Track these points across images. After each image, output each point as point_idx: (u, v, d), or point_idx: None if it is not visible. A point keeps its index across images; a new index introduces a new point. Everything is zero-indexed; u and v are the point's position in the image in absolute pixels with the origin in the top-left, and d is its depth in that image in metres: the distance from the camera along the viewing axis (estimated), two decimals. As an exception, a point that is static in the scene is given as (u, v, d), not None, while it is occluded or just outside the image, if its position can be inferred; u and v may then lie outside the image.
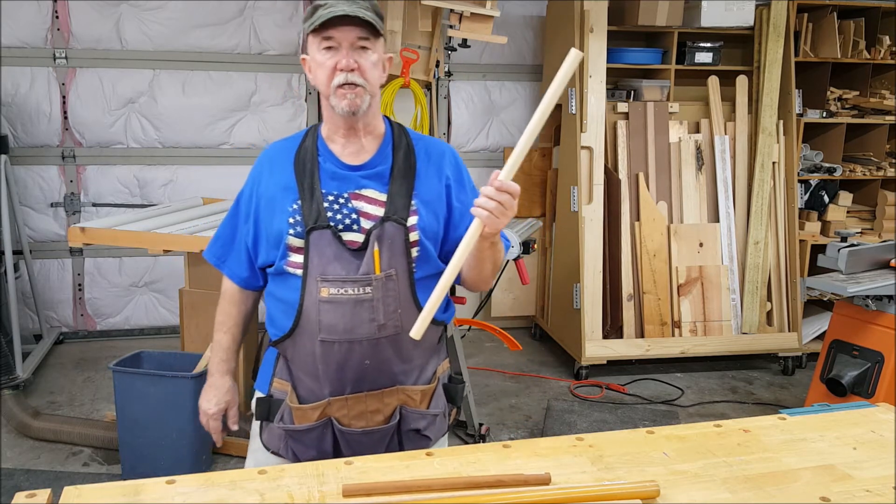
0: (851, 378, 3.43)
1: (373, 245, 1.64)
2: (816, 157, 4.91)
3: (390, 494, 1.38)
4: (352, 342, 1.65)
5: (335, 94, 1.65)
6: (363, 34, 1.62)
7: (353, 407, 1.70)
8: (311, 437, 1.71)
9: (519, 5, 5.15)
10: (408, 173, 1.70)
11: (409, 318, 1.62)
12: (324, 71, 1.65)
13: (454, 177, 1.76)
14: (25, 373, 4.13)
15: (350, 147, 1.73)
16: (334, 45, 1.63)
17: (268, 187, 1.74)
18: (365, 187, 1.69)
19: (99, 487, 1.38)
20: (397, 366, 1.71)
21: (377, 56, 1.66)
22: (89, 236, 3.46)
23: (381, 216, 1.66)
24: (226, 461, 3.44)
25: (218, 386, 1.88)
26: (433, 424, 1.77)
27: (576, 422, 4.00)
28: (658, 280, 4.55)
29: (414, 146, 1.75)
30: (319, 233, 1.65)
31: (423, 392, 1.75)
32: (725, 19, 4.57)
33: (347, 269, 1.64)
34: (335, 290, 1.64)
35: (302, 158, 1.73)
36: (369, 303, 1.64)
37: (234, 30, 4.86)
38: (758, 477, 1.47)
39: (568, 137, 4.66)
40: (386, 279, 1.64)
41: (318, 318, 1.65)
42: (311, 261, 1.65)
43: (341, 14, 1.58)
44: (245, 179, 1.81)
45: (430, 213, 1.70)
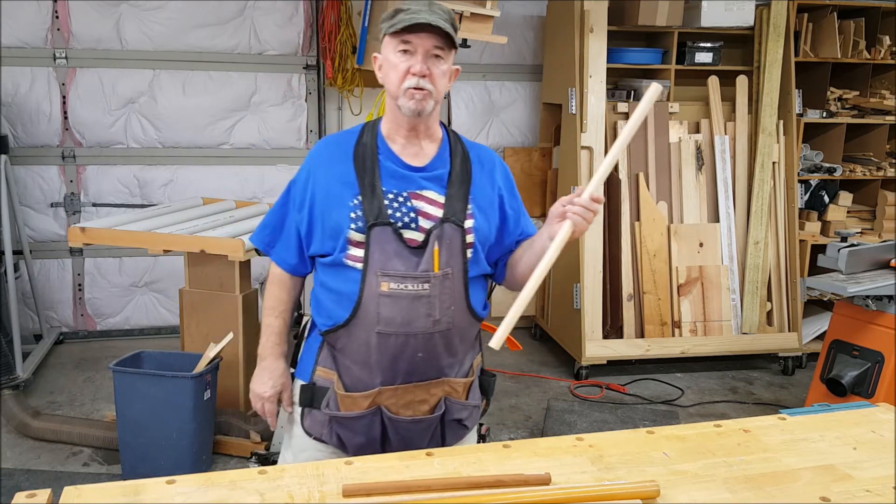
0: (851, 378, 3.43)
1: (433, 244, 1.71)
2: (816, 157, 4.91)
3: (390, 494, 1.38)
4: (408, 335, 1.71)
5: (404, 94, 1.71)
6: (439, 43, 1.69)
7: (401, 396, 1.76)
8: (361, 424, 1.77)
9: (519, 5, 5.15)
10: (465, 178, 1.79)
11: (461, 316, 1.76)
12: (397, 73, 1.71)
13: (505, 186, 1.87)
14: (25, 373, 4.13)
15: (410, 148, 1.79)
16: (410, 50, 1.70)
17: (326, 179, 1.78)
18: (425, 188, 1.76)
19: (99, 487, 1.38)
20: (445, 359, 1.78)
21: (448, 66, 1.74)
22: (89, 236, 3.46)
23: (439, 217, 1.74)
24: (226, 461, 3.44)
25: (272, 369, 1.92)
26: (472, 415, 1.87)
27: (576, 422, 4.00)
28: (658, 280, 4.55)
29: (469, 153, 1.84)
30: (381, 229, 1.71)
31: (465, 384, 1.83)
32: (725, 19, 4.57)
33: (407, 266, 1.71)
34: (395, 285, 1.70)
35: (361, 154, 1.78)
36: (427, 299, 1.71)
37: (234, 30, 4.86)
38: (758, 477, 1.47)
39: (568, 137, 4.66)
40: (443, 277, 1.72)
41: (376, 311, 1.71)
42: (372, 256, 1.71)
43: (423, 22, 1.65)
44: (294, 174, 1.88)
45: (483, 218, 1.79)
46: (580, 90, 4.50)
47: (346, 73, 4.87)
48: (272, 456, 3.39)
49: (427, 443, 1.78)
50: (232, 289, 3.52)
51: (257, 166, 5.05)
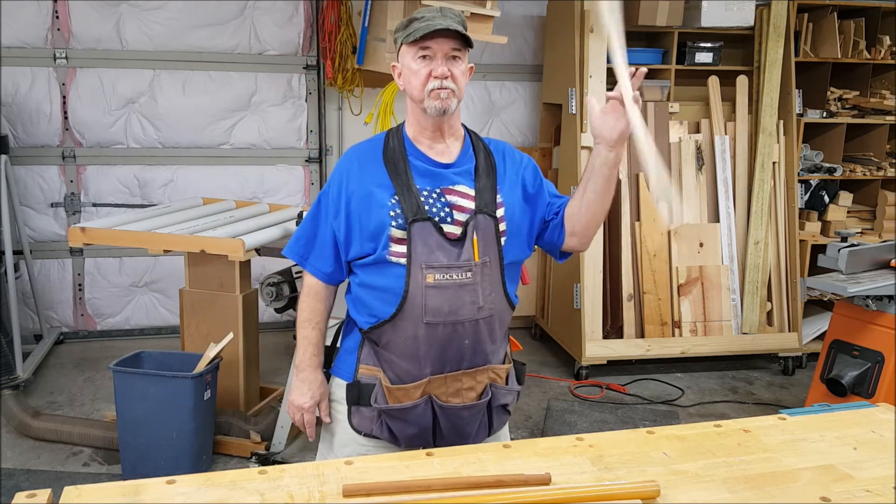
0: (851, 378, 3.43)
1: (471, 234, 1.79)
2: (816, 157, 4.91)
3: (390, 494, 1.38)
4: (455, 323, 1.78)
5: (429, 96, 1.79)
6: (457, 45, 1.78)
7: (450, 385, 1.82)
8: (414, 413, 1.82)
9: (519, 5, 5.15)
10: (490, 171, 1.87)
11: (500, 302, 1.84)
12: (418, 78, 1.79)
13: (528, 169, 1.95)
14: (26, 373, 4.13)
15: (437, 147, 1.87)
16: (430, 55, 1.78)
17: (361, 185, 1.84)
18: (457, 183, 1.84)
19: (99, 487, 1.38)
20: (489, 346, 1.84)
21: (465, 65, 1.83)
22: (89, 236, 3.46)
23: (472, 209, 1.81)
24: (226, 461, 3.44)
25: (311, 380, 1.95)
26: (514, 400, 1.95)
27: (576, 422, 4.00)
28: (658, 280, 4.55)
29: (489, 147, 1.93)
30: (421, 224, 1.78)
31: (506, 370, 1.91)
32: (725, 19, 4.57)
33: (449, 257, 1.78)
34: (440, 275, 1.77)
35: (391, 157, 1.85)
36: (471, 286, 1.79)
37: (234, 30, 4.86)
38: (758, 477, 1.47)
39: (568, 137, 4.66)
40: (483, 265, 1.80)
41: (423, 303, 1.77)
42: (415, 250, 1.77)
43: (440, 28, 1.74)
44: (327, 180, 1.94)
45: (512, 205, 1.88)
46: (580, 90, 4.50)
47: (346, 73, 4.87)
48: (272, 456, 3.40)
49: (476, 428, 1.86)
50: (232, 289, 3.52)
51: (257, 166, 5.05)
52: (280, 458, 3.40)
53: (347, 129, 5.15)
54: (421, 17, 1.78)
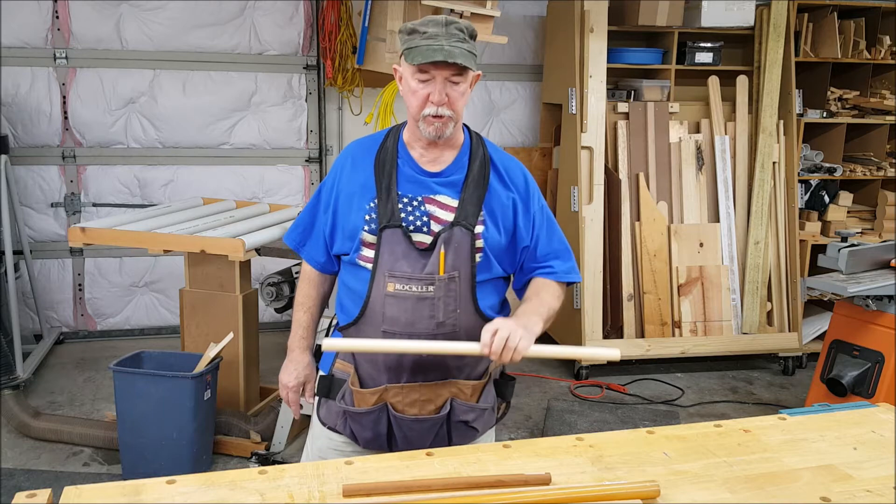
0: (852, 378, 3.43)
1: (439, 247, 1.75)
2: (817, 157, 4.91)
3: (390, 494, 1.38)
4: (411, 335, 1.75)
5: (423, 120, 1.74)
6: (457, 71, 1.71)
7: (407, 395, 1.80)
8: (369, 419, 1.82)
9: (519, 5, 5.15)
10: (480, 183, 1.81)
11: (469, 319, 1.78)
12: (416, 99, 1.74)
13: (522, 196, 1.87)
14: (26, 373, 4.13)
15: (429, 155, 1.83)
16: (428, 79, 1.72)
17: (348, 183, 1.85)
18: (439, 193, 1.80)
19: (99, 487, 1.38)
20: (452, 361, 1.80)
21: (466, 84, 1.75)
22: (90, 236, 3.46)
23: (450, 221, 1.77)
24: (226, 461, 3.44)
25: (298, 361, 1.99)
26: (481, 417, 1.87)
27: (576, 422, 4.00)
28: (658, 280, 4.55)
29: (490, 157, 1.86)
30: (391, 231, 1.76)
31: (474, 387, 1.84)
32: (726, 19, 4.57)
33: (413, 268, 1.75)
34: (400, 285, 1.75)
35: (382, 159, 1.83)
36: (431, 301, 1.75)
37: (235, 30, 4.86)
38: (758, 477, 1.47)
39: (568, 137, 4.66)
40: (448, 280, 1.76)
41: (382, 311, 1.76)
42: (382, 256, 1.76)
43: (441, 60, 1.67)
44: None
45: (495, 226, 1.81)
46: (580, 90, 4.50)
47: (346, 73, 4.87)
48: (272, 456, 3.39)
49: (431, 442, 1.81)
50: (232, 289, 3.52)
51: (257, 166, 5.05)
52: (280, 458, 3.40)
53: (347, 130, 5.15)
54: (424, 33, 1.70)
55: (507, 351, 1.60)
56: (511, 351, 1.61)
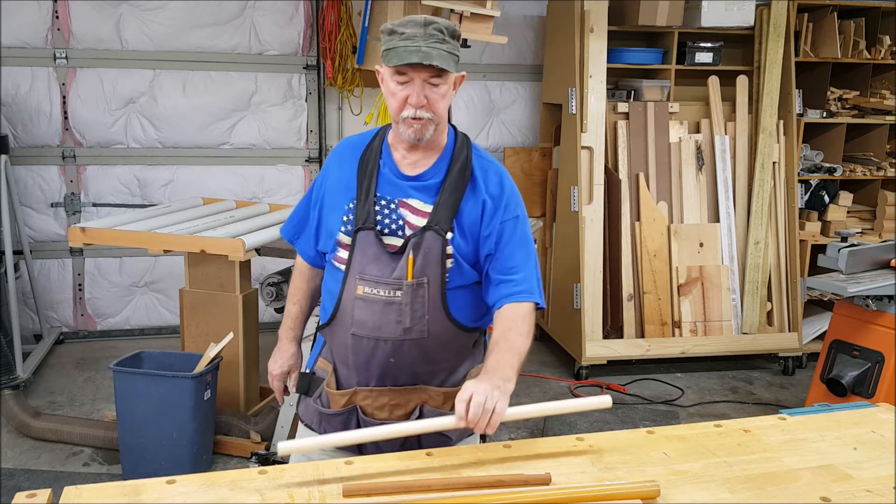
0: (852, 378, 3.43)
1: (408, 252, 1.72)
2: (817, 157, 4.91)
3: (390, 494, 1.38)
4: (378, 339, 1.74)
5: (403, 122, 1.71)
6: (436, 73, 1.67)
7: (376, 399, 1.79)
8: (338, 421, 1.82)
9: (519, 5, 5.14)
10: (458, 187, 1.76)
11: (439, 326, 1.75)
12: (395, 100, 1.70)
13: (493, 202, 1.78)
14: (26, 373, 4.13)
15: (410, 158, 1.80)
16: (407, 80, 1.68)
17: (334, 182, 1.85)
18: (411, 197, 1.77)
19: (99, 487, 1.38)
20: (422, 367, 1.78)
21: (447, 86, 1.71)
22: (90, 236, 3.46)
23: (422, 226, 1.74)
24: (226, 461, 3.44)
25: (284, 350, 2.03)
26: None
27: (576, 422, 3.99)
28: (658, 280, 4.55)
29: (472, 162, 1.80)
30: (365, 233, 1.75)
31: (447, 394, 1.80)
32: (726, 19, 4.57)
33: (383, 272, 1.73)
34: (369, 289, 1.74)
35: (366, 159, 1.82)
36: (398, 306, 1.72)
37: (235, 30, 4.86)
38: (758, 477, 1.47)
39: (568, 137, 4.66)
40: (417, 286, 1.72)
41: (351, 313, 1.76)
42: (355, 258, 1.75)
43: (415, 62, 1.63)
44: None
45: (461, 234, 1.76)
46: (580, 90, 4.50)
47: (346, 73, 4.87)
48: (272, 456, 3.39)
49: (400, 448, 1.74)
50: (232, 289, 3.52)
51: (257, 166, 5.05)
52: (280, 458, 3.39)
53: (347, 130, 5.15)
54: (402, 34, 1.65)
55: (484, 417, 1.51)
56: (489, 415, 1.51)
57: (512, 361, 1.65)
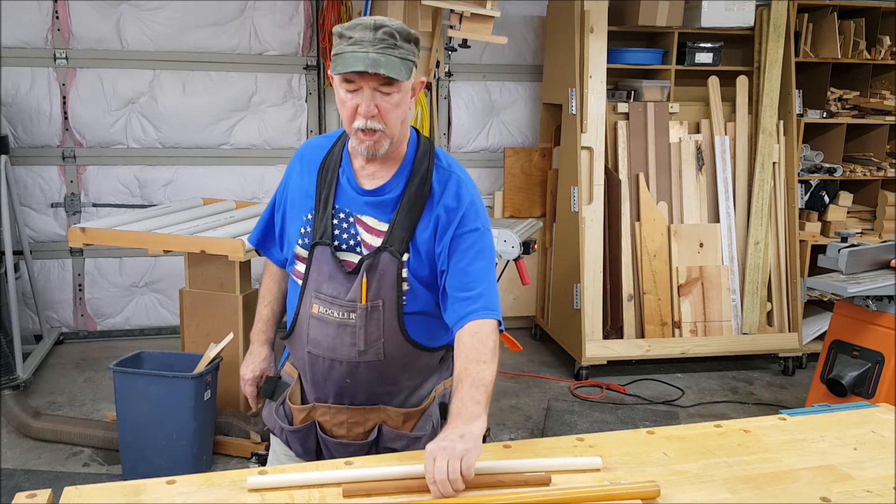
0: (852, 378, 3.43)
1: (362, 274, 1.65)
2: (817, 158, 4.91)
3: (390, 494, 1.38)
4: (333, 360, 1.69)
5: (355, 135, 1.61)
6: (385, 81, 1.55)
7: (335, 416, 1.75)
8: (297, 436, 1.78)
9: (519, 5, 5.14)
10: (416, 204, 1.66)
11: (397, 348, 1.68)
12: (346, 109, 1.60)
13: (448, 215, 1.67)
14: (26, 373, 4.13)
15: (368, 168, 1.70)
16: (356, 88, 1.57)
17: (294, 189, 1.78)
18: (366, 214, 1.68)
19: (99, 487, 1.38)
20: (379, 387, 1.73)
21: (401, 94, 1.59)
22: (90, 236, 3.46)
23: (377, 246, 1.66)
24: (226, 461, 3.44)
25: (256, 354, 1.96)
26: (414, 445, 1.73)
27: (576, 422, 4.00)
28: (658, 280, 4.55)
29: (432, 175, 1.69)
30: (322, 249, 1.68)
31: (407, 414, 1.75)
32: (726, 19, 4.57)
33: (338, 291, 1.67)
34: (324, 308, 1.68)
35: (326, 166, 1.73)
36: (352, 328, 1.66)
37: (235, 30, 4.86)
38: (758, 477, 1.47)
39: (568, 138, 4.66)
40: (371, 309, 1.65)
41: (307, 331, 1.71)
42: (311, 275, 1.70)
43: (359, 70, 1.52)
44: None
45: (418, 257, 1.67)
46: (580, 90, 4.50)
47: (346, 73, 4.86)
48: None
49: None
50: (232, 289, 3.52)
51: (257, 166, 5.05)
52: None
53: (347, 130, 5.14)
54: (349, 38, 1.54)
55: (453, 483, 1.37)
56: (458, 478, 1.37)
57: (477, 397, 1.53)
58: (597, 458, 1.50)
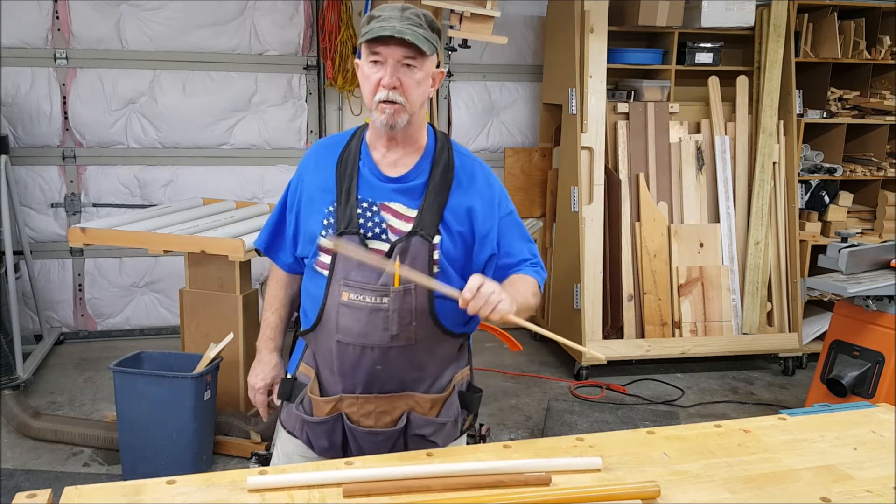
0: (852, 378, 3.43)
1: (395, 258, 1.68)
2: (817, 158, 4.91)
3: (390, 494, 1.38)
4: (364, 347, 1.70)
5: (376, 108, 1.68)
6: (409, 53, 1.64)
7: (362, 406, 1.75)
8: (323, 429, 1.78)
9: (519, 5, 5.15)
10: (442, 190, 1.73)
11: (426, 332, 1.72)
12: (368, 84, 1.68)
13: (483, 202, 1.78)
14: (26, 373, 4.13)
15: (390, 157, 1.76)
16: (381, 60, 1.65)
17: (310, 185, 1.80)
18: (394, 201, 1.73)
19: (99, 488, 1.38)
20: (408, 374, 1.75)
21: (423, 73, 1.68)
22: (90, 237, 3.46)
23: (406, 231, 1.70)
24: (226, 461, 3.44)
25: (265, 362, 1.96)
26: (440, 431, 1.79)
27: (576, 422, 3.99)
28: (658, 280, 4.55)
29: (454, 162, 1.78)
30: (348, 238, 1.70)
31: (434, 400, 1.78)
32: (726, 19, 4.57)
33: (368, 277, 1.69)
34: (354, 295, 1.69)
35: (345, 160, 1.78)
36: (384, 312, 1.68)
37: (235, 30, 4.86)
38: (758, 477, 1.47)
39: (568, 138, 4.66)
40: (404, 292, 1.68)
41: (336, 320, 1.71)
42: (338, 264, 1.71)
43: (388, 35, 1.61)
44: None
45: (450, 238, 1.73)
46: (580, 90, 4.50)
47: (346, 73, 4.87)
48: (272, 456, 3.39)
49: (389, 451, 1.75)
50: (232, 289, 3.52)
51: (257, 166, 5.05)
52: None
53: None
54: (379, 16, 1.65)
55: (486, 306, 1.53)
56: (491, 306, 1.53)
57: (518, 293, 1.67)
58: (597, 459, 1.50)
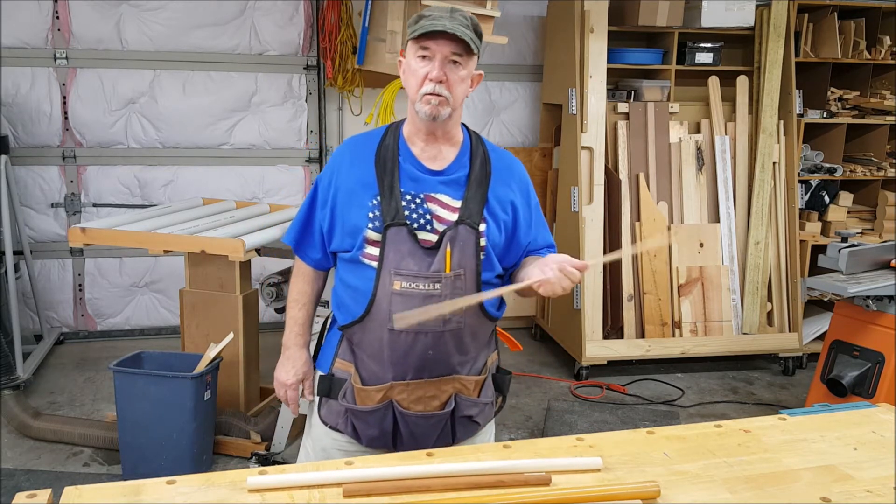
0: (852, 378, 3.42)
1: (445, 245, 1.76)
2: (817, 158, 4.91)
3: (390, 494, 1.38)
4: (418, 333, 1.76)
5: (421, 100, 1.76)
6: (457, 50, 1.74)
7: (413, 392, 1.81)
8: (374, 417, 1.82)
9: (519, 5, 5.15)
10: (483, 182, 1.83)
11: (473, 316, 1.81)
12: (415, 78, 1.76)
13: (521, 193, 1.90)
14: (26, 373, 4.13)
15: (429, 151, 1.84)
16: (429, 56, 1.74)
17: (347, 179, 1.84)
18: (440, 192, 1.81)
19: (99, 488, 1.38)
20: (455, 357, 1.82)
21: (467, 72, 1.78)
22: (90, 237, 3.46)
23: (453, 220, 1.78)
24: (226, 461, 3.44)
25: (295, 358, 2.00)
26: (483, 412, 1.90)
27: (576, 422, 4.00)
28: (658, 280, 4.55)
29: (490, 156, 1.88)
30: (396, 229, 1.76)
31: (477, 382, 1.87)
32: (726, 19, 4.57)
33: (419, 266, 1.76)
34: (407, 283, 1.75)
35: (383, 156, 1.83)
36: (437, 298, 1.74)
37: (235, 30, 4.86)
38: (758, 477, 1.47)
39: (568, 138, 4.66)
40: (455, 278, 1.76)
41: (388, 308, 1.76)
42: (387, 255, 1.76)
43: (440, 30, 1.70)
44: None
45: (496, 225, 1.83)
46: (580, 90, 4.50)
47: (346, 73, 4.87)
48: (272, 456, 3.40)
49: (437, 438, 1.83)
50: (232, 289, 3.52)
51: (257, 166, 5.05)
52: (280, 458, 3.40)
53: (347, 130, 5.15)
54: (429, 16, 1.75)
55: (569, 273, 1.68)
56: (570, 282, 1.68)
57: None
58: (597, 459, 1.51)
